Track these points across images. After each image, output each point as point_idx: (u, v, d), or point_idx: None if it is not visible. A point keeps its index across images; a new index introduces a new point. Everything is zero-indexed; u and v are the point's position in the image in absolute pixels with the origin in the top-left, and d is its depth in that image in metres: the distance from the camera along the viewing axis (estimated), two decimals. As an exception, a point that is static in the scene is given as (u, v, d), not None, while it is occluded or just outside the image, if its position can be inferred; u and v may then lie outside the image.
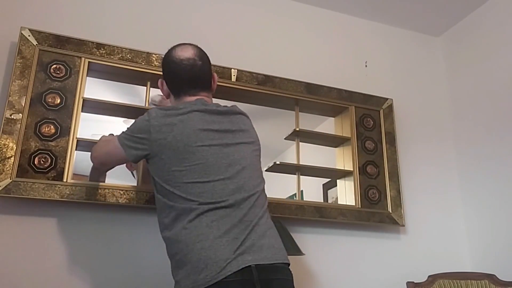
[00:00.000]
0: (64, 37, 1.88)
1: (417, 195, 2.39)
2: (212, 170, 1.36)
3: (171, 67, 1.53)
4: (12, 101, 1.73)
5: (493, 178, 2.31)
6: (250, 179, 1.42)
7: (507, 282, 1.93)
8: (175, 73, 1.53)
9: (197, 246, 1.29)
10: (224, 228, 1.30)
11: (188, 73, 1.51)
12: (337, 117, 2.41)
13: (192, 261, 1.28)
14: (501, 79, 2.36)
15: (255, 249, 1.30)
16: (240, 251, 1.28)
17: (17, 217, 1.71)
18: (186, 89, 1.51)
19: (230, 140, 1.43)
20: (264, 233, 1.36)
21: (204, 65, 1.54)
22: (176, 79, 1.53)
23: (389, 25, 2.71)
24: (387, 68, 2.62)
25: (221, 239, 1.28)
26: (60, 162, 1.75)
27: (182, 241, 1.32)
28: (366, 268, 2.17)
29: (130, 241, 1.83)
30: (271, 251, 1.33)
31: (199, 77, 1.53)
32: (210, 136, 1.40)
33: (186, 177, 1.35)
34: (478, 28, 2.56)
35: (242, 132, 1.49)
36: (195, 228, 1.31)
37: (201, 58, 1.54)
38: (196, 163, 1.36)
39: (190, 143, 1.37)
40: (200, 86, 1.53)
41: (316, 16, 2.55)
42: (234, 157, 1.41)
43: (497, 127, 2.33)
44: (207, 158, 1.37)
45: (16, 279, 1.66)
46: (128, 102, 2.05)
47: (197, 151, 1.37)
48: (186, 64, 1.50)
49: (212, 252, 1.27)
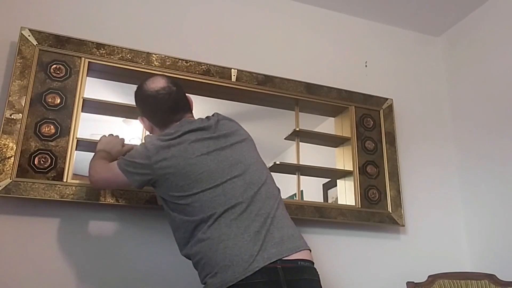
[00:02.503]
0: (64, 37, 1.88)
1: (417, 195, 2.39)
2: (217, 175, 1.39)
3: (149, 102, 1.55)
4: (12, 101, 1.73)
5: (493, 178, 2.31)
6: (255, 172, 1.45)
7: (507, 282, 1.93)
8: (155, 106, 1.54)
9: (220, 246, 1.31)
10: (243, 225, 1.33)
11: (167, 102, 1.53)
12: (337, 117, 2.41)
13: (218, 261, 1.30)
14: (501, 79, 2.36)
15: (277, 241, 1.32)
16: (263, 245, 1.30)
17: (17, 217, 1.71)
18: (171, 118, 1.53)
19: (224, 143, 1.47)
20: (283, 224, 1.38)
21: (179, 90, 1.58)
22: (158, 112, 1.55)
23: (389, 25, 2.71)
24: (387, 68, 2.62)
25: (243, 235, 1.31)
26: (60, 162, 1.75)
27: (205, 246, 1.34)
28: (366, 268, 2.17)
29: (130, 241, 1.83)
30: (292, 241, 1.36)
31: (178, 103, 1.56)
32: (205, 144, 1.44)
33: (195, 188, 1.38)
34: (478, 28, 2.56)
35: (232, 133, 1.52)
36: (215, 230, 1.33)
37: (174, 84, 1.58)
38: (201, 172, 1.39)
39: (188, 155, 1.40)
40: (181, 111, 1.56)
41: (316, 16, 2.55)
42: (233, 157, 1.44)
43: (497, 127, 2.33)
44: (208, 165, 1.40)
45: (16, 279, 1.66)
46: (128, 102, 2.04)
47: (198, 162, 1.40)
48: (163, 93, 1.53)
49: (236, 249, 1.29)
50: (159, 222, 1.87)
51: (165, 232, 1.86)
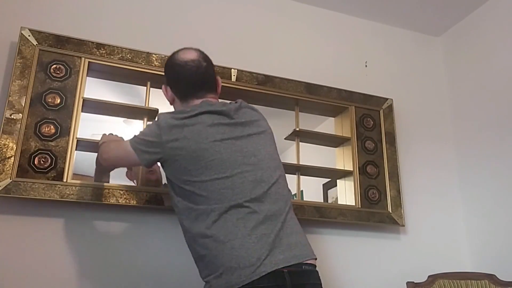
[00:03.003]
0: (64, 37, 1.88)
1: (417, 195, 2.39)
2: (228, 165, 1.34)
3: (175, 70, 1.50)
4: (12, 101, 1.73)
5: (493, 178, 2.31)
6: (268, 169, 1.40)
7: (507, 282, 1.93)
8: (180, 76, 1.50)
9: (227, 245, 1.27)
10: (250, 225, 1.29)
11: (194, 75, 1.49)
12: (337, 117, 2.41)
13: (224, 262, 1.27)
14: (501, 79, 2.36)
15: (284, 248, 1.30)
16: (272, 250, 1.27)
17: (17, 217, 1.71)
18: (193, 92, 1.49)
19: (240, 133, 1.41)
20: (292, 229, 1.36)
21: (208, 67, 1.52)
22: (182, 82, 1.50)
23: (389, 25, 2.71)
24: (387, 68, 2.62)
25: (250, 237, 1.27)
26: (60, 162, 1.75)
27: (210, 244, 1.31)
28: (366, 268, 2.17)
29: (130, 241, 1.83)
30: (300, 248, 1.34)
31: (205, 79, 1.51)
32: (220, 130, 1.38)
33: (204, 175, 1.34)
34: (478, 28, 2.56)
35: (251, 123, 1.46)
36: (221, 228, 1.30)
37: (205, 59, 1.52)
38: (211, 159, 1.34)
39: (201, 140, 1.35)
40: (206, 88, 1.51)
41: (316, 16, 2.55)
42: (248, 149, 1.39)
43: (497, 127, 2.33)
44: (221, 153, 1.35)
45: (16, 279, 1.66)
46: (128, 102, 2.05)
47: (210, 147, 1.35)
48: (192, 65, 1.48)
49: (243, 251, 1.26)
50: (160, 222, 1.87)
51: (165, 232, 1.87)
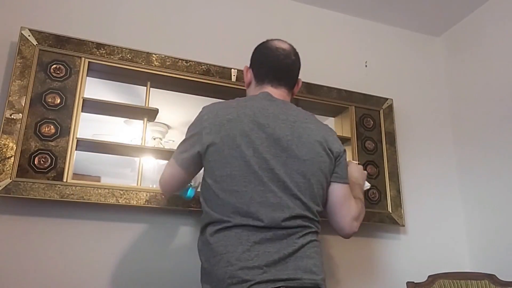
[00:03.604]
0: (64, 37, 1.88)
1: (417, 195, 2.39)
2: (252, 179, 1.27)
3: (264, 52, 1.50)
4: (12, 101, 1.73)
5: (493, 178, 2.31)
6: (294, 203, 1.29)
7: (507, 282, 1.93)
8: (267, 58, 1.49)
9: (224, 258, 1.23)
10: (253, 239, 1.23)
11: (280, 62, 1.47)
12: (337, 117, 2.41)
13: (218, 274, 1.23)
14: (501, 79, 2.36)
15: (290, 271, 1.21)
16: (272, 271, 1.20)
17: (17, 217, 1.71)
18: (271, 78, 1.46)
19: (279, 152, 1.31)
20: (304, 254, 1.26)
21: (296, 62, 1.51)
22: (267, 64, 1.48)
23: (389, 25, 2.71)
24: (387, 68, 2.62)
25: (250, 254, 1.21)
26: (60, 162, 1.75)
27: (209, 251, 1.27)
28: (366, 268, 2.17)
29: (130, 241, 1.83)
30: (308, 275, 1.24)
31: (288, 71, 1.49)
32: (256, 142, 1.30)
33: (226, 183, 1.28)
34: (478, 28, 2.56)
35: (300, 144, 1.34)
36: (224, 237, 1.25)
37: (295, 55, 1.51)
38: (237, 170, 1.27)
39: (234, 146, 1.29)
40: (284, 80, 1.48)
41: (316, 16, 2.55)
42: (280, 173, 1.29)
43: (497, 127, 2.33)
44: (250, 165, 1.28)
45: (16, 279, 1.66)
46: (128, 102, 2.05)
47: (240, 157, 1.28)
48: (281, 53, 1.47)
49: (238, 267, 1.20)
50: (160, 222, 1.87)
51: (165, 232, 1.87)
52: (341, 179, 1.43)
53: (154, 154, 2.07)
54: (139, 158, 1.98)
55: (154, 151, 2.11)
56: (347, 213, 1.44)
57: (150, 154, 2.03)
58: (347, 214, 1.44)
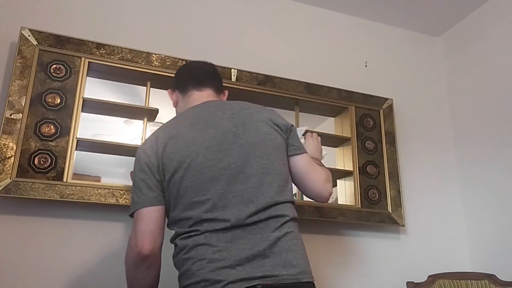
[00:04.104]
0: (64, 37, 1.88)
1: (417, 195, 2.39)
2: (210, 185, 1.24)
3: (183, 67, 1.62)
4: (12, 101, 1.73)
5: (493, 178, 2.31)
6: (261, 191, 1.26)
7: (507, 282, 1.93)
8: (185, 69, 1.59)
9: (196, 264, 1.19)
10: (225, 239, 1.20)
11: (198, 68, 1.55)
12: (337, 117, 2.41)
13: (192, 279, 1.18)
14: (501, 79, 2.36)
15: (267, 268, 1.16)
16: (247, 268, 1.16)
17: (17, 217, 1.71)
18: (194, 83, 1.48)
19: (229, 145, 1.29)
20: (283, 248, 1.21)
21: (215, 68, 1.59)
22: (186, 73, 1.54)
23: (389, 25, 2.71)
24: (387, 68, 2.62)
25: (222, 253, 1.18)
26: (60, 162, 1.74)
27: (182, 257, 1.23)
28: (366, 268, 2.17)
29: (130, 241, 1.83)
30: (288, 269, 1.19)
31: (208, 73, 1.53)
32: (204, 145, 1.28)
33: (185, 197, 1.25)
34: (478, 28, 2.56)
35: (248, 130, 1.32)
36: (192, 241, 1.22)
37: (213, 65, 1.60)
38: (192, 180, 1.25)
39: (182, 160, 1.26)
40: (207, 82, 1.49)
41: (316, 16, 2.55)
42: (236, 164, 1.27)
43: (497, 127, 2.33)
44: (203, 171, 1.25)
45: (16, 279, 1.66)
46: (128, 102, 2.05)
47: (191, 167, 1.25)
48: (198, 62, 1.60)
49: (210, 269, 1.16)
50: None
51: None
52: (298, 149, 1.41)
53: (154, 154, 2.07)
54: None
55: (154, 151, 2.11)
56: (317, 177, 1.43)
57: (150, 154, 2.02)
58: (317, 178, 1.43)
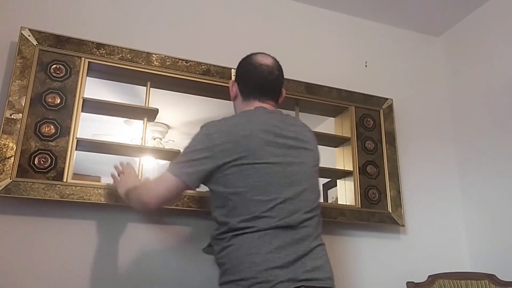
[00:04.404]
0: (64, 37, 1.88)
1: (417, 195, 2.39)
2: (274, 189, 1.35)
3: (248, 69, 1.56)
4: (12, 101, 1.73)
5: (493, 178, 2.31)
6: (310, 201, 1.41)
7: (507, 282, 1.93)
8: (251, 75, 1.55)
9: (247, 259, 1.28)
10: (276, 243, 1.29)
11: (264, 79, 1.53)
12: (337, 117, 2.41)
13: (242, 274, 1.27)
14: (501, 79, 2.36)
15: (308, 269, 1.31)
16: (292, 270, 1.27)
17: (17, 217, 1.71)
18: (255, 94, 1.53)
19: (293, 159, 1.42)
20: (318, 255, 1.37)
21: (279, 76, 1.58)
22: (251, 81, 1.55)
23: (389, 25, 2.71)
24: (387, 68, 2.62)
25: (273, 255, 1.28)
26: (60, 162, 1.74)
27: (232, 252, 1.31)
28: (366, 268, 2.17)
29: (131, 241, 1.83)
30: (324, 274, 1.35)
31: (273, 86, 1.56)
32: (274, 152, 1.39)
33: (249, 194, 1.34)
34: (478, 28, 2.56)
35: (306, 150, 1.48)
36: (247, 239, 1.30)
37: (278, 69, 1.57)
38: (259, 180, 1.35)
39: (255, 159, 1.36)
40: (269, 95, 1.54)
41: (316, 16, 2.55)
42: (296, 177, 1.40)
43: (497, 127, 2.33)
44: (270, 175, 1.36)
45: (16, 279, 1.66)
46: (128, 102, 2.05)
47: (261, 168, 1.35)
48: (265, 69, 1.53)
49: (263, 267, 1.26)
50: (161, 222, 1.87)
51: (166, 232, 1.87)
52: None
53: (154, 154, 2.07)
54: (139, 158, 1.97)
55: (154, 151, 2.11)
56: None
57: (150, 154, 2.03)
58: None
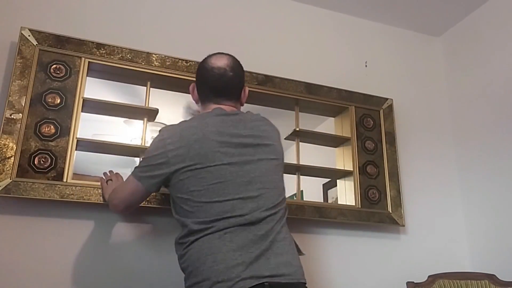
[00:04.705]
0: (64, 37, 1.88)
1: (417, 195, 2.39)
2: (231, 189, 1.34)
3: (202, 73, 1.56)
4: (12, 101, 1.73)
5: (493, 178, 2.31)
6: (271, 197, 1.40)
7: (507, 282, 1.93)
8: (204, 79, 1.55)
9: (209, 259, 1.28)
10: (237, 241, 1.29)
11: (216, 82, 1.53)
12: (337, 117, 2.41)
13: (204, 275, 1.27)
14: (501, 79, 2.36)
15: (271, 266, 1.28)
16: (256, 267, 1.25)
17: (17, 217, 1.71)
18: (211, 97, 1.54)
19: (251, 156, 1.41)
20: (283, 250, 1.34)
21: (234, 77, 1.55)
22: (204, 86, 1.56)
23: (389, 25, 2.71)
24: (387, 68, 2.62)
25: (234, 253, 1.27)
26: (60, 162, 1.74)
27: (193, 254, 1.31)
28: (366, 268, 2.17)
29: (131, 241, 1.83)
30: (290, 268, 1.31)
31: (226, 87, 1.54)
32: (229, 152, 1.38)
33: (205, 197, 1.34)
34: (478, 28, 2.56)
35: (264, 146, 1.46)
36: (207, 240, 1.30)
37: (233, 69, 1.55)
38: (215, 182, 1.34)
39: (208, 162, 1.35)
40: (225, 96, 1.54)
41: (316, 16, 2.55)
42: (254, 174, 1.39)
43: (497, 127, 2.33)
44: (225, 176, 1.35)
45: (16, 279, 1.66)
46: (128, 102, 2.05)
47: (215, 170, 1.35)
48: (216, 73, 1.52)
49: (224, 266, 1.25)
50: (160, 222, 1.87)
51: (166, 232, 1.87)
52: None
53: (154, 154, 2.07)
54: (139, 158, 1.97)
55: (154, 151, 2.10)
56: None
57: (150, 154, 2.02)
58: None
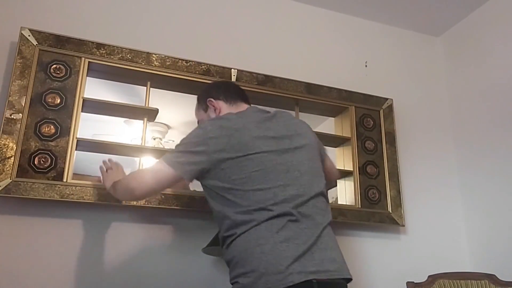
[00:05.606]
0: (64, 37, 1.88)
1: (417, 195, 2.39)
2: (271, 176, 1.36)
3: (218, 85, 1.67)
4: (12, 101, 1.73)
5: (493, 178, 2.31)
6: (311, 185, 1.41)
7: (507, 282, 1.93)
8: (226, 87, 1.66)
9: (257, 250, 1.27)
10: (285, 233, 1.28)
11: (237, 88, 1.67)
12: (337, 117, 2.41)
13: (252, 265, 1.26)
14: (501, 79, 2.36)
15: (317, 262, 1.28)
16: (302, 261, 1.25)
17: (17, 217, 1.71)
18: (239, 100, 1.61)
19: (287, 145, 1.44)
20: (327, 245, 1.34)
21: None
22: (228, 91, 1.62)
23: (389, 25, 2.71)
24: (387, 68, 2.62)
25: (282, 244, 1.26)
26: (60, 162, 1.75)
27: (240, 245, 1.31)
28: (366, 268, 2.17)
29: (130, 241, 1.83)
30: (334, 265, 1.32)
31: (244, 93, 1.68)
32: (266, 143, 1.40)
33: (247, 185, 1.34)
34: (478, 28, 2.56)
35: (298, 136, 1.49)
36: (254, 231, 1.30)
37: None
38: (256, 170, 1.35)
39: (248, 151, 1.37)
40: (247, 100, 1.64)
41: (316, 16, 2.55)
42: (292, 163, 1.41)
43: (497, 127, 2.33)
44: (265, 164, 1.36)
45: (16, 279, 1.66)
46: (128, 102, 2.05)
47: (255, 158, 1.36)
48: (231, 82, 1.75)
49: (272, 258, 1.24)
50: (160, 222, 1.87)
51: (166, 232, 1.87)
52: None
53: (154, 154, 2.07)
54: (139, 158, 1.98)
55: (154, 151, 2.10)
56: None
57: (150, 154, 2.02)
58: None
